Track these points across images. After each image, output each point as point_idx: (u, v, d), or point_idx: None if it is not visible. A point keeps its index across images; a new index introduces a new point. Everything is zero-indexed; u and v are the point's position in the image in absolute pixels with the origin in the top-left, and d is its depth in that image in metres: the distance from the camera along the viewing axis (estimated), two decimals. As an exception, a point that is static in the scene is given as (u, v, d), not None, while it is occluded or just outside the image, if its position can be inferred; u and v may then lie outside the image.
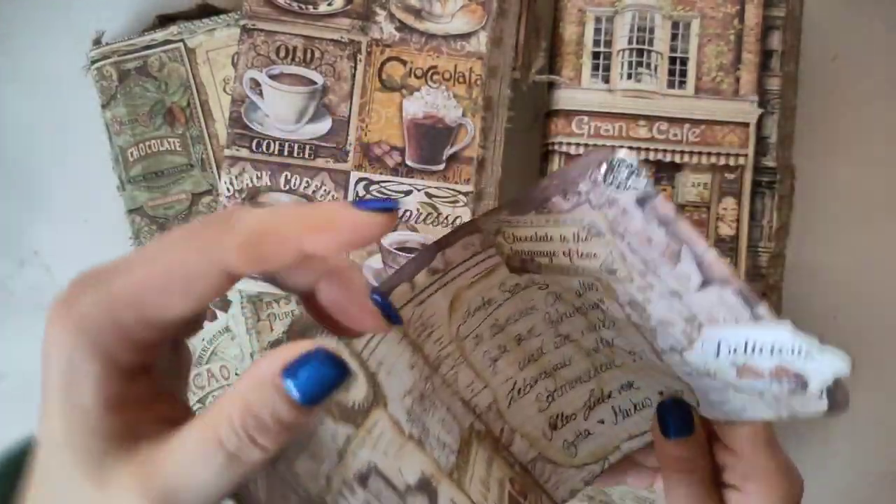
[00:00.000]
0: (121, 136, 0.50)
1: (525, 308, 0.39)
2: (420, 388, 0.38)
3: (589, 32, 0.50)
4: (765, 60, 0.50)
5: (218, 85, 0.51)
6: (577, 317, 0.39)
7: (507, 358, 0.40)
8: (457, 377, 0.39)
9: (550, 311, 0.39)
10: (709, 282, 0.33)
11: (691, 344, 0.34)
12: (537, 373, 0.40)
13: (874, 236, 0.55)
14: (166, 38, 0.50)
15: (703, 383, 0.36)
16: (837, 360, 0.30)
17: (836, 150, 0.55)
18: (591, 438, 0.41)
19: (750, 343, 0.33)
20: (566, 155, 0.50)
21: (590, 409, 0.41)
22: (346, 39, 0.48)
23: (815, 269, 0.54)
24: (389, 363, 0.37)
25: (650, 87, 0.50)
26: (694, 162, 0.50)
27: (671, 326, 0.35)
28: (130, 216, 0.50)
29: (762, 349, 0.32)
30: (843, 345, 0.57)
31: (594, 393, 0.40)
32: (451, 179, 0.49)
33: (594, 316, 0.39)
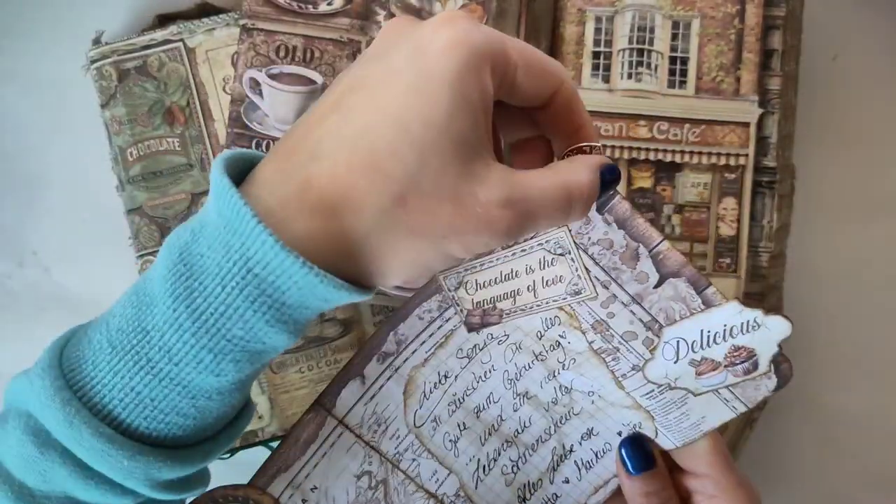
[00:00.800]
0: (120, 135, 0.50)
1: (482, 373, 0.40)
2: (361, 502, 0.39)
3: (589, 32, 0.50)
4: (765, 60, 0.50)
5: (217, 84, 0.51)
6: (537, 366, 0.40)
7: (468, 436, 0.40)
8: (419, 470, 0.40)
9: (509, 368, 0.40)
10: (664, 277, 0.36)
11: (653, 352, 0.37)
12: (499, 444, 0.41)
13: (874, 236, 0.55)
14: (166, 37, 0.50)
15: (663, 401, 0.38)
16: (780, 324, 0.35)
17: (836, 150, 0.55)
18: (560, 501, 0.41)
19: (704, 333, 0.36)
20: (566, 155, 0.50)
21: (554, 469, 0.41)
22: (346, 39, 0.48)
23: (815, 269, 0.54)
24: (325, 485, 0.39)
25: (650, 86, 0.50)
26: (694, 162, 0.50)
27: (633, 339, 0.37)
28: (130, 216, 0.50)
29: (716, 335, 0.35)
30: (844, 345, 0.57)
31: (556, 451, 0.41)
32: (451, 179, 0.48)
33: (553, 359, 0.39)
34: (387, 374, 0.39)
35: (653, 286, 0.36)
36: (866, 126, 0.55)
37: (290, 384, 0.51)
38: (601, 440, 0.40)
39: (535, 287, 0.38)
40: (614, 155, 0.50)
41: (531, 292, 0.38)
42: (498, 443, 0.41)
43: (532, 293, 0.38)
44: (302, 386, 0.51)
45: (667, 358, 0.37)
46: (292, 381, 0.51)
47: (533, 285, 0.38)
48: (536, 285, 0.37)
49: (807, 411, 0.55)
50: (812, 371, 0.54)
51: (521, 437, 0.41)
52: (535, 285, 0.37)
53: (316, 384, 0.50)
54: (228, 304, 0.28)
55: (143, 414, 0.30)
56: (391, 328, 0.39)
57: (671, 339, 0.36)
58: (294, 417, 0.50)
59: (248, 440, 0.50)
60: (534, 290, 0.38)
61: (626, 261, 0.36)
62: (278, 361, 0.50)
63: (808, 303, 0.54)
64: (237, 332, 0.28)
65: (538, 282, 0.37)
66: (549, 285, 0.37)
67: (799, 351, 0.53)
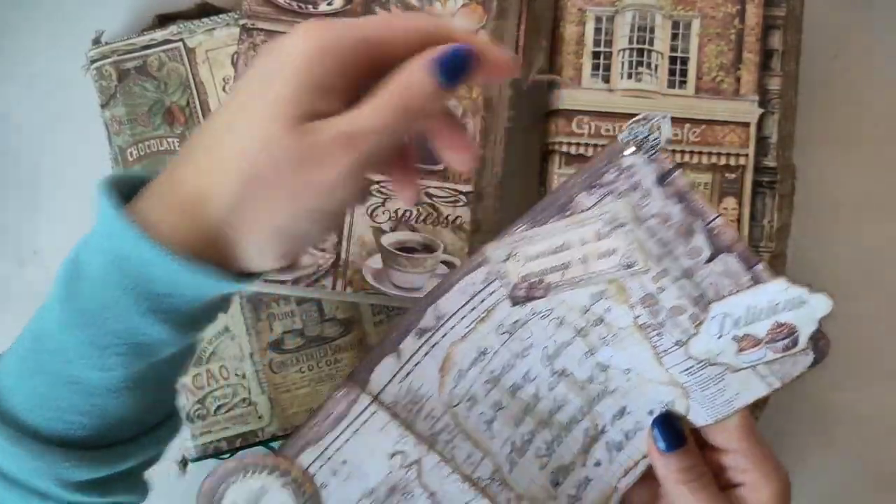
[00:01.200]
0: (120, 135, 0.50)
1: (521, 350, 0.40)
2: (393, 480, 0.38)
3: (589, 32, 0.50)
4: (765, 60, 0.50)
5: (217, 84, 0.51)
6: (577, 342, 0.40)
7: (503, 416, 0.40)
8: (454, 452, 0.39)
9: (548, 345, 0.40)
10: (717, 252, 0.37)
11: (698, 327, 0.37)
12: (534, 425, 0.41)
13: (874, 236, 0.55)
14: (166, 37, 0.50)
15: (702, 377, 0.38)
16: (823, 301, 0.38)
17: (837, 150, 0.55)
18: (592, 486, 0.41)
19: (750, 309, 0.37)
20: (566, 155, 0.50)
21: (586, 452, 0.41)
22: (346, 39, 0.48)
23: (816, 268, 0.54)
24: (357, 461, 0.38)
25: (650, 86, 0.50)
26: (694, 162, 0.50)
27: (681, 314, 0.37)
28: (130, 216, 0.50)
29: (761, 312, 0.36)
30: (844, 345, 0.57)
31: (588, 431, 0.41)
32: (451, 179, 0.48)
33: (595, 335, 0.39)
34: (424, 349, 0.39)
35: (704, 261, 0.37)
36: (866, 126, 0.55)
37: (290, 384, 0.51)
38: (632, 419, 0.41)
39: (586, 259, 0.38)
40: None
41: (583, 265, 0.38)
42: (533, 424, 0.41)
43: (583, 266, 0.38)
44: (303, 385, 0.51)
45: (711, 333, 0.37)
46: (293, 380, 0.51)
47: (584, 258, 0.38)
48: (588, 258, 0.37)
49: (807, 411, 0.55)
50: (812, 371, 0.54)
51: (557, 418, 0.41)
52: (588, 258, 0.37)
53: (317, 384, 0.51)
54: (106, 298, 0.30)
55: (45, 415, 0.32)
56: (431, 302, 0.39)
57: (718, 314, 0.37)
58: (294, 417, 0.50)
59: (248, 440, 0.50)
60: (585, 263, 0.38)
61: (681, 235, 0.37)
62: (279, 361, 0.50)
63: (808, 303, 0.54)
64: (117, 326, 0.31)
65: (591, 254, 0.37)
66: (602, 258, 0.37)
67: (799, 351, 0.53)
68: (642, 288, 0.38)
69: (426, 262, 0.48)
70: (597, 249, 0.37)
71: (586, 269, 0.38)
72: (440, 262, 0.48)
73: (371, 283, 0.48)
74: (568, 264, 0.38)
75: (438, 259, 0.48)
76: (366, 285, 0.48)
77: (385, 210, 0.48)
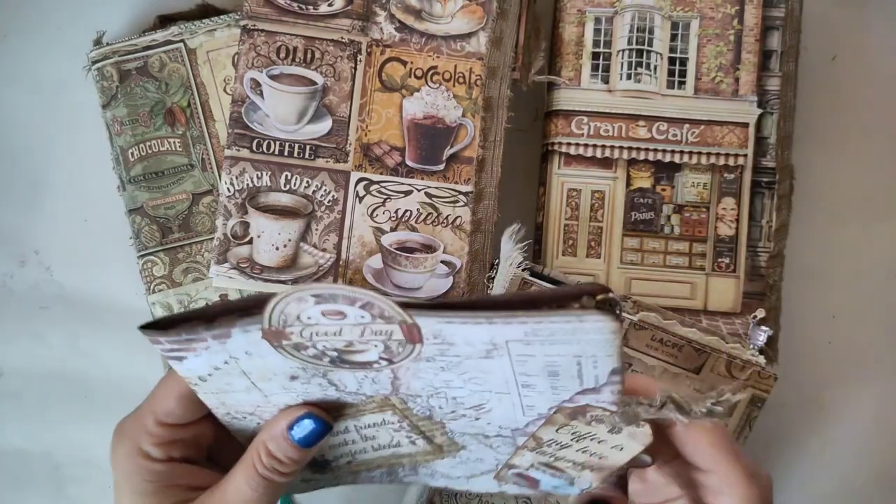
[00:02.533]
0: (121, 136, 0.50)
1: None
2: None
3: (588, 33, 0.50)
4: (764, 60, 0.50)
5: (218, 85, 0.51)
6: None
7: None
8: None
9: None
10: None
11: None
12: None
13: (874, 236, 0.55)
14: (167, 38, 0.50)
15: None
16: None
17: (836, 150, 0.55)
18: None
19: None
20: (566, 155, 0.50)
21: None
22: (347, 40, 0.48)
23: (815, 269, 0.54)
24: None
25: (650, 87, 0.50)
26: (693, 162, 0.50)
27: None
28: (131, 216, 0.51)
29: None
30: (844, 345, 0.57)
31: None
32: (451, 179, 0.49)
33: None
34: None
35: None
36: (866, 126, 0.56)
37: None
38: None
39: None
40: (614, 155, 0.50)
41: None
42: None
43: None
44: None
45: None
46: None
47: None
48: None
49: (807, 411, 0.55)
50: (812, 371, 0.54)
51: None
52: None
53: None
54: None
55: None
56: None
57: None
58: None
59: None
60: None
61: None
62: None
63: (807, 303, 0.54)
64: None
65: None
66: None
67: (799, 351, 0.53)
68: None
69: (426, 262, 0.48)
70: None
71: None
72: (440, 262, 0.48)
73: (371, 282, 0.48)
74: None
75: (438, 259, 0.48)
76: (366, 285, 0.48)
77: (385, 210, 0.48)
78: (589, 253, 0.50)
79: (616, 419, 0.31)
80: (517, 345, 0.29)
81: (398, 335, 0.29)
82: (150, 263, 0.50)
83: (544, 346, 0.28)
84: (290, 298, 0.28)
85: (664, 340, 0.47)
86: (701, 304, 0.50)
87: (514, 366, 0.30)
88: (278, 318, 0.29)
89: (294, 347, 0.31)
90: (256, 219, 0.48)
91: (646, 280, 0.50)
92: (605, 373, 0.29)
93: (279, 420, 0.35)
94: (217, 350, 0.31)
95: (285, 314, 0.29)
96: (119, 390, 0.49)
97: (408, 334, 0.29)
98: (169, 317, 0.30)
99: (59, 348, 0.54)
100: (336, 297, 0.28)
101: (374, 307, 0.28)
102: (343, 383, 0.33)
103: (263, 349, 0.31)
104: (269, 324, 0.29)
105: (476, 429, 0.35)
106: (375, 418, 0.36)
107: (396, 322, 0.29)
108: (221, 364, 0.32)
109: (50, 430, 0.54)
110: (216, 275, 0.48)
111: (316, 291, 0.28)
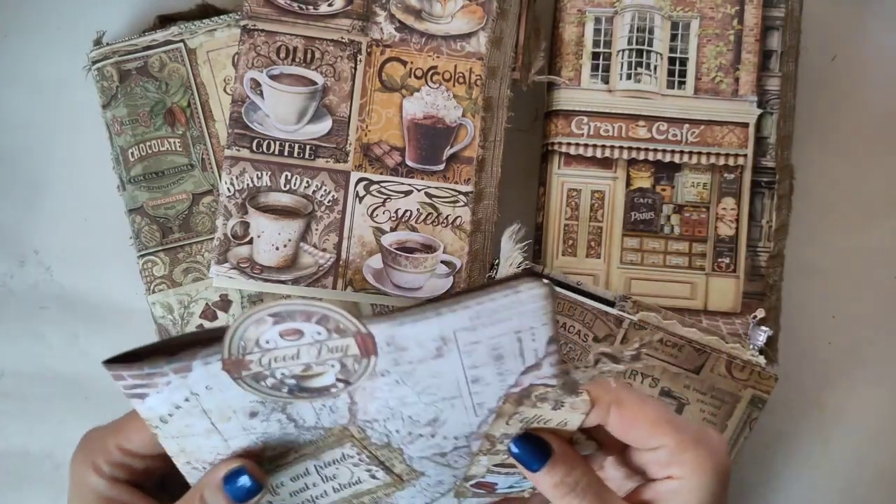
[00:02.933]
0: (121, 136, 0.50)
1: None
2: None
3: (588, 33, 0.51)
4: (764, 61, 0.50)
5: (218, 85, 0.51)
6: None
7: None
8: None
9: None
10: None
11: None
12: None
13: (873, 236, 0.55)
14: (167, 38, 0.50)
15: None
16: None
17: (836, 150, 0.55)
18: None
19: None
20: (566, 155, 0.50)
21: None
22: (347, 40, 0.48)
23: (815, 269, 0.54)
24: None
25: (650, 87, 0.50)
26: (693, 162, 0.50)
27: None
28: (131, 216, 0.51)
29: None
30: (844, 345, 0.57)
31: None
32: (451, 179, 0.49)
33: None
34: None
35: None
36: (866, 126, 0.56)
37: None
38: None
39: None
40: (614, 155, 0.50)
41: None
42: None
43: None
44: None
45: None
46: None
47: None
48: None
49: (807, 411, 0.55)
50: (812, 371, 0.54)
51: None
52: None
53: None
54: None
55: None
56: None
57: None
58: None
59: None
60: None
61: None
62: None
63: (807, 303, 0.54)
64: None
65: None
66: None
67: (799, 351, 0.53)
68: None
69: (426, 262, 0.48)
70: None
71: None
72: (440, 262, 0.48)
73: (371, 282, 0.48)
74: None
75: (438, 259, 0.48)
76: (366, 285, 0.48)
77: (385, 210, 0.48)
78: (589, 253, 0.50)
79: (558, 392, 0.33)
80: (464, 334, 0.30)
81: (353, 349, 0.30)
82: (151, 263, 0.50)
83: (488, 329, 0.30)
84: (248, 322, 0.29)
85: (664, 340, 0.47)
86: (701, 304, 0.50)
87: (462, 359, 0.31)
88: (238, 345, 0.30)
89: (253, 378, 0.31)
90: (256, 219, 0.48)
91: (646, 280, 0.50)
92: (542, 344, 0.31)
93: (218, 469, 0.35)
94: (178, 385, 0.31)
95: (244, 340, 0.30)
96: (119, 390, 0.49)
97: (363, 346, 0.30)
98: (131, 350, 0.30)
99: (59, 348, 0.54)
100: (293, 313, 0.29)
101: (330, 320, 0.29)
102: (302, 417, 0.34)
103: (224, 381, 0.31)
104: (230, 352, 0.30)
105: (433, 448, 0.36)
106: (335, 454, 0.36)
107: (351, 334, 0.30)
108: (182, 402, 0.32)
109: (50, 430, 0.54)
110: (216, 275, 0.48)
111: (274, 310, 0.29)
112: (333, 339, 0.30)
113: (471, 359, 0.31)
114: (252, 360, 0.30)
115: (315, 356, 0.30)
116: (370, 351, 0.30)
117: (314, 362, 0.31)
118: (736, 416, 0.48)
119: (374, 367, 0.31)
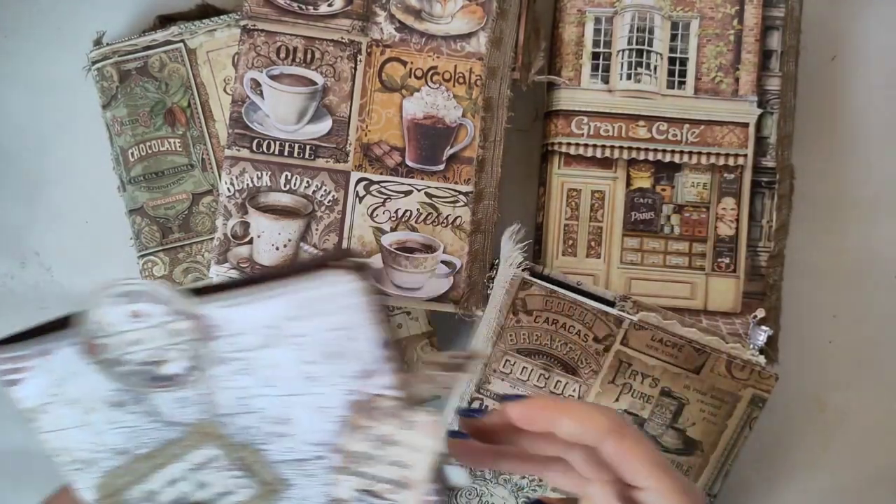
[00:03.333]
0: (121, 136, 0.50)
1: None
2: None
3: (588, 33, 0.51)
4: (764, 60, 0.50)
5: (218, 85, 0.51)
6: None
7: None
8: None
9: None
10: None
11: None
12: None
13: (874, 236, 0.55)
14: (167, 38, 0.51)
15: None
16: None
17: (836, 150, 0.55)
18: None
19: None
20: (566, 155, 0.50)
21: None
22: (347, 40, 0.48)
23: (815, 268, 0.54)
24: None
25: (650, 87, 0.50)
26: (693, 162, 0.50)
27: None
28: (131, 216, 0.51)
29: None
30: (844, 345, 0.57)
31: None
32: (451, 179, 0.49)
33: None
34: None
35: None
36: (866, 126, 0.56)
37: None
38: None
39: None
40: (614, 155, 0.50)
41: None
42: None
43: None
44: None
45: None
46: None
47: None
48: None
49: (807, 411, 0.55)
50: (812, 371, 0.54)
51: None
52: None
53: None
54: None
55: None
56: None
57: None
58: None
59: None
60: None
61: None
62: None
63: (807, 303, 0.54)
64: None
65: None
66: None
67: (799, 351, 0.53)
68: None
69: (426, 263, 0.48)
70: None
71: None
72: (440, 262, 0.48)
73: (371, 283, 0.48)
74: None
75: (438, 259, 0.48)
76: (366, 285, 0.48)
77: (385, 210, 0.48)
78: (589, 253, 0.50)
79: (404, 406, 0.31)
80: (290, 324, 0.29)
81: (194, 332, 0.30)
82: (151, 263, 0.50)
83: (312, 321, 0.29)
84: (100, 302, 0.29)
85: (664, 340, 0.47)
86: (701, 304, 0.50)
87: (294, 351, 0.30)
88: (94, 326, 0.29)
89: (109, 363, 0.30)
90: (256, 219, 0.48)
91: (646, 280, 0.50)
92: (373, 347, 0.29)
93: None
94: (44, 370, 0.31)
95: (98, 322, 0.29)
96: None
97: (201, 329, 0.29)
98: (14, 333, 0.30)
99: (59, 348, 0.54)
100: (140, 294, 0.28)
101: (171, 301, 0.29)
102: (162, 410, 0.33)
103: (83, 367, 0.30)
104: (84, 334, 0.29)
105: (292, 452, 0.35)
106: (201, 454, 0.35)
107: (188, 316, 0.29)
108: (52, 389, 0.31)
109: (50, 431, 0.54)
110: (216, 275, 0.48)
111: (122, 290, 0.28)
112: (177, 322, 0.29)
113: (302, 352, 0.30)
114: (106, 344, 0.30)
115: (163, 340, 0.30)
116: (209, 335, 0.30)
117: (162, 346, 0.30)
118: (736, 416, 0.48)
119: (217, 353, 0.30)
